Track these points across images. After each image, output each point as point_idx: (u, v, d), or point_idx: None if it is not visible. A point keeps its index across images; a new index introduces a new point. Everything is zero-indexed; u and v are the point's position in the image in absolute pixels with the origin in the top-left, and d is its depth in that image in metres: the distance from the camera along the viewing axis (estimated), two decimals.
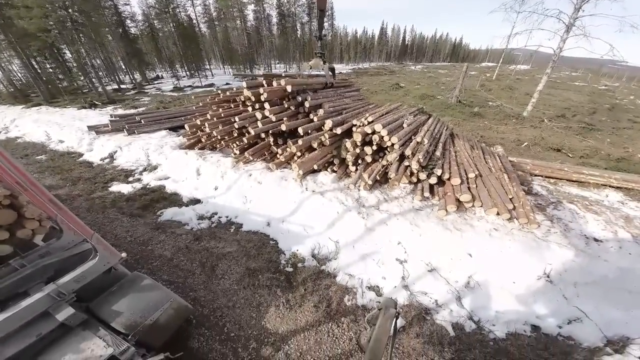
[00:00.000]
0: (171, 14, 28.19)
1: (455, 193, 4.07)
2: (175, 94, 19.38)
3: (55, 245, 2.28)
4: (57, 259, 2.20)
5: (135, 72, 28.93)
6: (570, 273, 3.06)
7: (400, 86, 20.09)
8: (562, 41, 10.83)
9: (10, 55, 22.92)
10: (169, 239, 4.03)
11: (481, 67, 55.48)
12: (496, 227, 3.59)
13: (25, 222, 2.18)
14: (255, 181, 4.72)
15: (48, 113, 13.38)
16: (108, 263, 2.24)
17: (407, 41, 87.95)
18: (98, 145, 7.34)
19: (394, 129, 4.70)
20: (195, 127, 6.28)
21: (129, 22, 27.03)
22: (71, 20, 17.75)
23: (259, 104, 5.15)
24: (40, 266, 2.12)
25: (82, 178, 5.90)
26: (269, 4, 32.61)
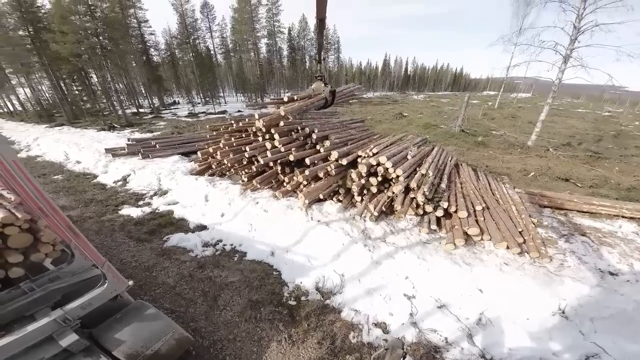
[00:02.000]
0: (191, 44, 30.67)
1: (463, 226, 4.03)
2: (190, 119, 20.34)
3: (66, 270, 2.33)
4: (66, 284, 2.24)
5: (154, 97, 30.75)
6: (586, 308, 2.96)
7: (404, 115, 20.68)
8: (560, 72, 11.19)
9: (42, 77, 24.88)
10: (173, 265, 4.03)
11: (483, 95, 57.03)
12: (507, 262, 3.51)
13: (40, 246, 2.23)
14: (261, 209, 4.78)
15: (69, 133, 14.14)
16: (115, 290, 2.26)
17: (410, 72, 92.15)
18: (113, 168, 7.64)
19: (399, 160, 4.81)
20: (207, 154, 6.54)
21: (153, 50, 29.44)
22: (101, 47, 19.45)
23: (269, 134, 5.40)
24: (49, 290, 2.15)
25: (95, 200, 6.09)
26: (280, 38, 35.20)
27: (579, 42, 10.73)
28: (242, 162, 5.88)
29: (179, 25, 29.93)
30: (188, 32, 30.08)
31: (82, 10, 18.61)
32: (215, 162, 6.34)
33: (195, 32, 31.26)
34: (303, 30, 41.88)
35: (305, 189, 4.95)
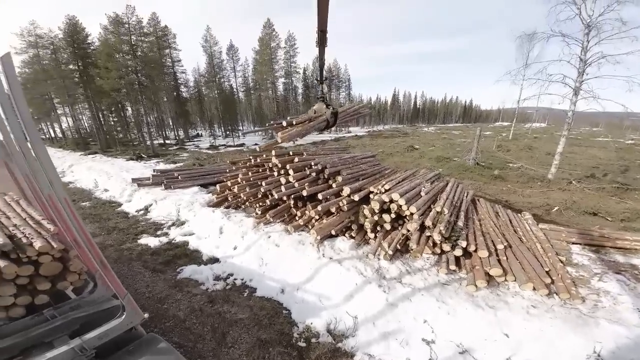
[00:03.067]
0: (217, 82, 33.95)
1: (484, 266, 3.83)
2: (211, 151, 21.61)
3: (87, 299, 2.41)
4: (86, 313, 2.30)
5: (180, 130, 33.31)
6: (624, 350, 2.70)
7: (415, 148, 20.89)
8: (572, 104, 11.13)
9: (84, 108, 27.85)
10: (185, 298, 4.02)
11: (495, 127, 56.89)
12: (534, 304, 3.28)
13: (67, 275, 2.32)
14: (273, 243, 4.81)
15: (101, 162, 15.29)
16: (131, 322, 2.28)
17: (419, 105, 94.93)
18: (137, 197, 8.09)
19: (412, 197, 4.79)
20: (226, 188, 6.84)
21: (183, 87, 32.70)
22: (138, 83, 21.91)
23: (284, 170, 5.63)
24: (69, 319, 2.21)
25: (117, 228, 6.38)
26: (296, 77, 38.24)
27: (588, 74, 10.81)
28: (257, 196, 6.07)
29: (207, 65, 33.58)
30: (215, 72, 33.55)
31: (125, 49, 21.48)
32: (232, 195, 6.59)
33: (221, 71, 34.81)
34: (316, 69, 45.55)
35: (317, 223, 4.96)
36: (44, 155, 1.70)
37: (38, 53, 24.34)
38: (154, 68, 23.82)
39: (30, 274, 2.09)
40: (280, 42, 33.12)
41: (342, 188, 5.10)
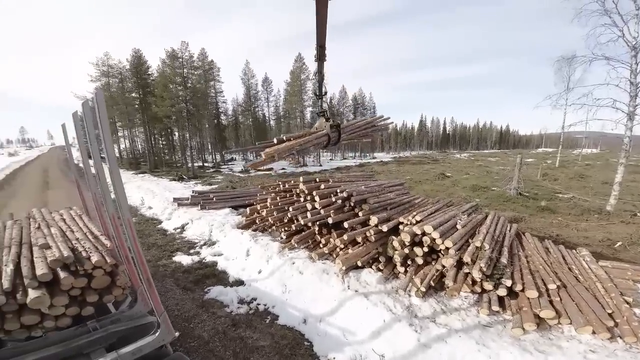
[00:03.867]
0: (252, 111, 37.01)
1: (533, 307, 3.42)
2: (242, 175, 22.93)
3: (126, 314, 2.56)
4: (124, 327, 2.42)
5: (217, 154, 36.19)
6: None
7: (447, 176, 19.91)
8: (628, 129, 9.94)
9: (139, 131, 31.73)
10: (210, 319, 4.09)
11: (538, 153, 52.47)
12: (593, 349, 2.89)
13: (113, 289, 2.45)
14: (296, 270, 4.78)
15: (148, 181, 16.94)
16: (163, 340, 2.32)
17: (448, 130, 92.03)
18: (176, 216, 8.74)
19: (447, 230, 4.50)
20: (254, 211, 7.14)
21: (223, 115, 36.16)
22: (187, 111, 24.68)
23: (310, 196, 5.75)
24: (109, 332, 2.31)
25: (156, 245, 6.87)
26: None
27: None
28: (284, 220, 6.21)
29: (244, 95, 37.10)
30: (251, 101, 36.78)
31: (178, 81, 24.66)
32: (260, 218, 6.83)
33: (256, 101, 38.11)
34: (342, 98, 47.59)
35: (342, 253, 4.86)
36: (118, 181, 1.97)
37: (108, 81, 28.99)
38: (200, 98, 26.95)
39: (82, 286, 2.27)
40: (310, 74, 35.56)
41: (369, 217, 4.99)
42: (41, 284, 2.08)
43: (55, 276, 2.16)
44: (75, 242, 2.61)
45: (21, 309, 2.02)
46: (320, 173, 23.62)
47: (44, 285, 2.10)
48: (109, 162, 1.94)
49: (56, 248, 2.39)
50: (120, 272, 2.49)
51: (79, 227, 3.11)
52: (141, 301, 2.57)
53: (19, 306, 2.00)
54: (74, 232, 2.93)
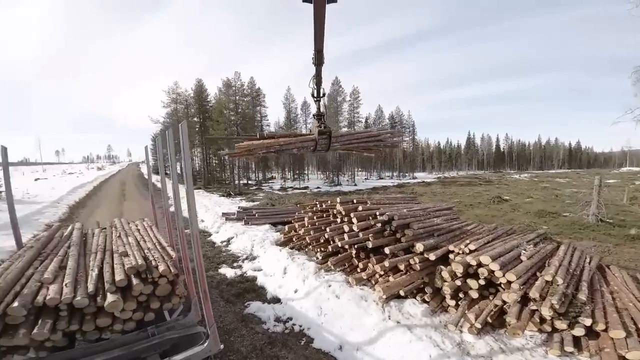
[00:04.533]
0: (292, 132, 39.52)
1: (618, 349, 2.90)
2: (281, 193, 24.01)
3: (180, 322, 2.75)
4: (177, 335, 2.60)
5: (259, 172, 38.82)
6: None
7: (504, 199, 17.75)
8: None
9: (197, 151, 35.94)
10: (248, 335, 4.23)
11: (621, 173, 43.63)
12: None
13: (172, 297, 2.71)
14: (333, 294, 4.72)
15: (202, 196, 18.78)
16: (210, 351, 2.42)
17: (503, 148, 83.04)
18: (223, 230, 9.50)
19: (508, 261, 4.04)
20: (292, 229, 7.37)
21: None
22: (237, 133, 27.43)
23: (347, 217, 5.74)
24: (164, 338, 2.49)
25: (205, 256, 7.47)
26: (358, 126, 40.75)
27: None
28: (320, 240, 6.26)
29: (285, 118, 39.82)
30: (290, 124, 39.22)
31: (231, 107, 27.77)
32: (297, 236, 7.02)
33: (296, 123, 40.43)
34: (378, 118, 47.45)
35: (382, 279, 4.66)
36: (192, 200, 2.30)
37: (176, 107, 33.97)
38: (248, 122, 29.93)
39: (148, 293, 2.54)
40: (346, 96, 36.76)
41: (413, 244, 4.72)
42: (117, 289, 2.41)
43: (128, 282, 2.49)
44: (147, 251, 3.04)
45: (98, 312, 2.30)
46: (356, 193, 23.12)
47: (119, 290, 2.42)
48: (187, 184, 2.28)
49: (132, 256, 2.82)
50: (179, 282, 2.78)
51: (149, 237, 3.63)
52: (194, 311, 2.80)
53: (96, 309, 2.29)
54: (146, 241, 3.43)
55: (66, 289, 2.24)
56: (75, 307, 2.21)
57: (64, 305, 2.18)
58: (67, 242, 3.23)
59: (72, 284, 2.30)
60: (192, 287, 2.77)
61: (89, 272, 2.57)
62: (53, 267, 2.49)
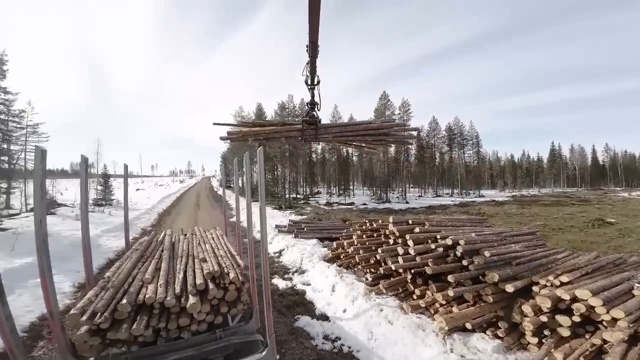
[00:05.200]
0: (337, 149, 40.02)
1: None
2: (327, 208, 24.21)
3: (242, 328, 2.93)
4: (239, 341, 2.75)
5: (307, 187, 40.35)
6: None
7: (608, 222, 14.44)
8: None
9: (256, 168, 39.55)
10: (298, 349, 4.32)
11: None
12: None
13: (238, 303, 2.94)
14: (385, 319, 4.52)
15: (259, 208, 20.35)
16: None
17: (602, 161, 68.15)
18: (276, 241, 10.08)
19: (615, 296, 3.42)
20: (340, 246, 7.40)
21: (313, 154, 40.72)
22: (289, 152, 29.43)
23: (402, 239, 5.51)
24: (229, 342, 2.67)
25: (260, 265, 8.00)
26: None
27: None
28: (370, 261, 6.12)
29: None
30: None
31: None
32: (345, 254, 6.99)
33: None
34: (433, 130, 44.38)
35: (443, 309, 4.29)
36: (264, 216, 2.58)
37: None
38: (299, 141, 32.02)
39: (219, 298, 2.80)
40: (395, 110, 35.87)
41: (485, 273, 4.27)
42: (197, 292, 2.73)
43: (206, 286, 2.79)
44: (220, 259, 3.44)
45: (180, 312, 2.60)
46: (408, 212, 21.71)
47: (198, 293, 2.73)
48: (261, 200, 2.57)
49: (210, 262, 3.24)
50: (244, 290, 3.06)
51: (221, 245, 4.11)
52: (254, 319, 3.02)
53: (180, 309, 2.58)
54: (219, 249, 3.90)
55: (160, 289, 2.64)
56: (165, 306, 2.56)
57: (157, 304, 2.54)
58: (160, 246, 3.92)
59: (164, 285, 2.72)
60: (254, 296, 3.00)
61: (176, 274, 3.01)
62: (151, 269, 3.01)
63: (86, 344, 2.28)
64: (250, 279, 3.02)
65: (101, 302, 2.38)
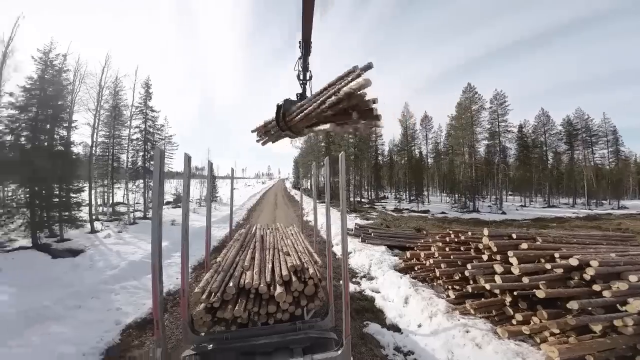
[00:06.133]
0: (408, 150, 37.44)
1: None
2: (395, 214, 22.92)
3: (318, 324, 3.03)
4: (315, 335, 2.84)
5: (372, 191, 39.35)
6: None
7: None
8: None
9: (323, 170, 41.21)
10: (367, 354, 4.25)
11: None
12: None
13: (315, 299, 3.14)
14: (471, 341, 3.99)
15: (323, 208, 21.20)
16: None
17: None
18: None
19: None
20: (415, 257, 6.91)
21: (380, 156, 39.35)
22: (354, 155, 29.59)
23: (500, 255, 4.77)
24: (307, 335, 2.79)
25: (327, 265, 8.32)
26: (507, 138, 32.16)
27: None
28: (453, 277, 5.50)
29: (401, 136, 38.49)
30: (407, 141, 37.43)
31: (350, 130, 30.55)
32: (420, 266, 6.49)
33: (413, 140, 38.19)
34: (543, 125, 35.85)
35: (555, 338, 3.55)
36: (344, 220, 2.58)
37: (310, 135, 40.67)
38: (364, 143, 31.49)
39: (300, 290, 3.04)
40: (485, 103, 30.75)
41: (627, 301, 3.45)
42: (283, 282, 3.01)
43: (289, 278, 3.06)
44: (299, 254, 3.75)
45: (269, 299, 2.90)
46: (504, 224, 17.89)
47: (284, 283, 3.01)
48: (342, 205, 2.62)
49: (292, 256, 3.57)
50: (321, 287, 3.23)
51: (300, 242, 4.47)
52: (330, 317, 3.13)
53: (269, 296, 2.89)
54: (298, 245, 4.25)
55: (255, 276, 3.05)
56: (258, 292, 2.91)
57: (253, 289, 2.91)
58: (253, 238, 4.56)
59: (258, 273, 3.14)
60: (330, 295, 3.12)
61: (266, 264, 3.43)
62: (248, 258, 3.53)
63: (201, 320, 2.73)
64: (327, 278, 3.17)
65: (215, 284, 2.91)
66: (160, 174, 2.20)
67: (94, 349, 4.17)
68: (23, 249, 8.00)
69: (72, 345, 4.13)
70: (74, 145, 11.42)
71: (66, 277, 6.58)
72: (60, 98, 10.77)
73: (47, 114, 9.91)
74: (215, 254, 7.29)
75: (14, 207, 8.87)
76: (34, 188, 8.99)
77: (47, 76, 10.10)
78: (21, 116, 9.31)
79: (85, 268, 7.29)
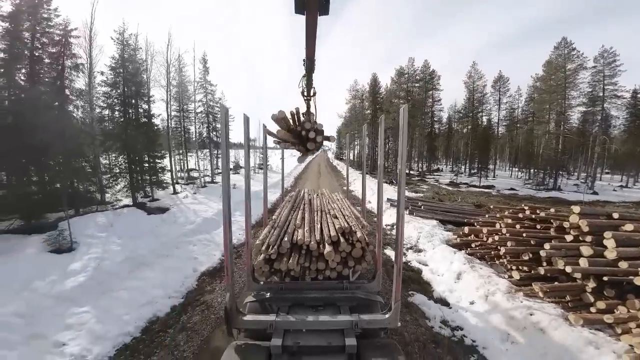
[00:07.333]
0: (472, 117, 32.60)
1: None
2: (451, 188, 21.04)
3: (365, 286, 3.13)
4: (361, 297, 2.90)
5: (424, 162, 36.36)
6: None
7: None
8: None
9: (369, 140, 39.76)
10: (412, 323, 4.26)
11: None
12: None
13: (362, 262, 3.24)
14: (534, 325, 3.62)
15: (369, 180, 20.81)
16: (390, 324, 2.50)
17: None
18: (388, 214, 10.05)
19: None
20: (474, 232, 6.33)
21: (437, 124, 35.41)
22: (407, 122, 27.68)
23: (590, 236, 4.02)
24: (354, 295, 2.89)
25: (373, 234, 8.34)
26: (614, 105, 24.94)
27: None
28: (520, 257, 4.89)
29: (465, 100, 33.37)
30: (473, 107, 32.44)
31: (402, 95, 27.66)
32: (479, 242, 5.94)
33: (481, 105, 32.82)
34: None
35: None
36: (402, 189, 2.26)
37: (354, 102, 38.76)
38: (417, 109, 28.51)
39: (347, 252, 3.14)
40: (587, 62, 23.91)
41: None
42: (331, 242, 3.14)
43: (337, 239, 3.17)
44: (347, 218, 3.80)
45: (318, 257, 3.07)
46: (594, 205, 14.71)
47: (332, 243, 3.14)
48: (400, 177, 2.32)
49: (340, 219, 3.65)
50: (368, 250, 3.25)
51: (346, 207, 4.52)
52: (377, 281, 3.17)
53: (318, 254, 3.06)
54: (344, 209, 4.30)
55: (307, 234, 3.27)
56: (309, 249, 3.12)
57: (304, 246, 3.13)
58: (302, 201, 4.79)
59: (309, 231, 3.35)
60: (379, 259, 3.13)
61: (315, 225, 3.62)
62: (299, 217, 3.76)
63: (260, 269, 3.06)
64: (377, 242, 3.15)
65: (272, 238, 3.21)
66: (226, 131, 2.25)
67: (177, 292, 4.97)
68: (127, 207, 10.03)
69: (161, 288, 4.96)
70: (154, 118, 13.31)
71: (157, 230, 8.12)
72: (138, 75, 12.35)
73: (132, 91, 11.55)
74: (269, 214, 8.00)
75: (118, 172, 11.05)
76: (130, 155, 10.94)
77: (126, 55, 11.53)
78: (112, 92, 11.05)
79: (170, 223, 8.86)
